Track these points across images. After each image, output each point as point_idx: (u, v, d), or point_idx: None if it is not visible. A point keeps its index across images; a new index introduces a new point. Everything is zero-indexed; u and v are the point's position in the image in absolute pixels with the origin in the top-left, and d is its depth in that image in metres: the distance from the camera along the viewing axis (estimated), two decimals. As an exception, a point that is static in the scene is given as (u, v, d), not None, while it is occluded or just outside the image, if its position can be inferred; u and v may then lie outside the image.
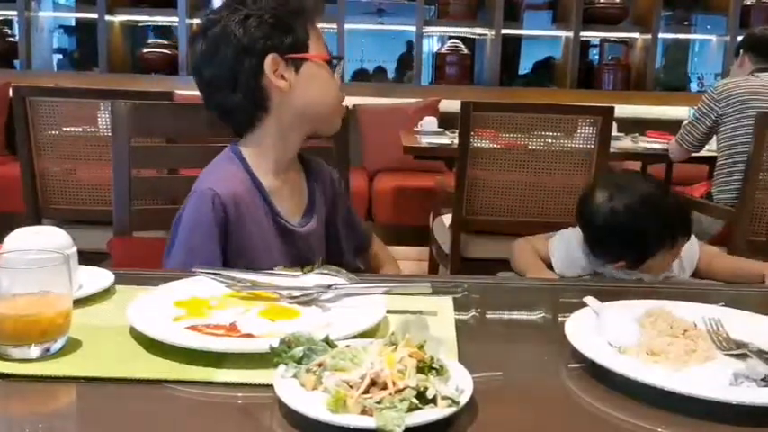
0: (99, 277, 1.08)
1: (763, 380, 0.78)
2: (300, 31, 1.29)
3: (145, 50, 5.30)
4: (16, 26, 5.07)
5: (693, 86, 5.92)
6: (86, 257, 1.08)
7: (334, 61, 1.32)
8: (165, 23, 5.53)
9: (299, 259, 1.28)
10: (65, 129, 2.61)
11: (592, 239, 1.56)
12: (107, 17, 5.04)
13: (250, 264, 1.22)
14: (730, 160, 2.89)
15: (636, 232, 1.48)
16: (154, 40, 5.42)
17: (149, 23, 5.59)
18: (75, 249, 1.03)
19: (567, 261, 1.60)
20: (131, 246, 1.64)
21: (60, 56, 5.81)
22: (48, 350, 0.82)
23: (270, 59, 1.26)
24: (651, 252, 1.49)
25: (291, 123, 1.31)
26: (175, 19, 5.10)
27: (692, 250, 1.62)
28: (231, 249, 1.27)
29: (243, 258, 1.26)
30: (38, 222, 2.55)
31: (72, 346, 0.85)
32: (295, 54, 1.28)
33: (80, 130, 2.63)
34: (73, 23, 5.85)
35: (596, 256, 1.55)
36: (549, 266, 1.63)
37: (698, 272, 1.61)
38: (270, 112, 1.30)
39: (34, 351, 0.81)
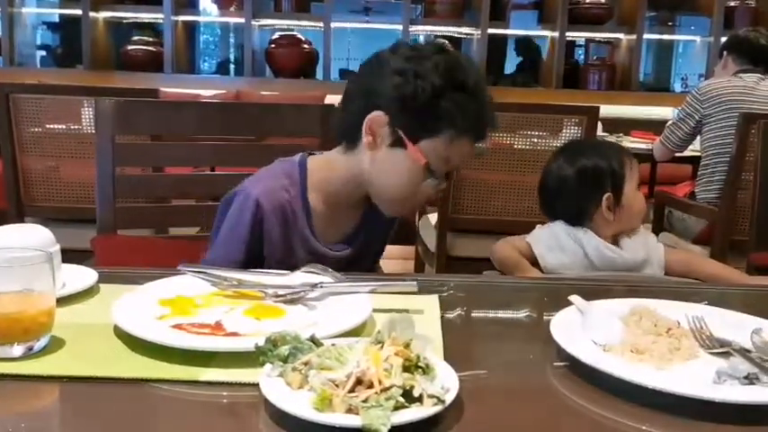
0: (82, 276, 1.07)
1: (745, 378, 0.79)
2: (428, 122, 1.19)
3: (129, 47, 5.26)
4: (-1, 22, 5.03)
5: (677, 87, 5.96)
6: (70, 256, 1.07)
7: (434, 174, 1.21)
8: (149, 20, 5.49)
9: None
10: (48, 126, 2.58)
11: (567, 200, 1.64)
12: (91, 13, 5.01)
13: (278, 260, 1.24)
14: (714, 160, 2.92)
15: (596, 164, 1.62)
16: (138, 37, 5.38)
17: (134, 20, 5.55)
18: (58, 247, 1.02)
19: (550, 243, 1.62)
20: (115, 244, 1.63)
21: (44, 52, 5.75)
22: (31, 349, 0.81)
23: (375, 115, 1.20)
24: (620, 173, 1.60)
25: (361, 178, 1.27)
26: (160, 16, 5.07)
27: (655, 243, 1.65)
28: (267, 245, 1.26)
29: (269, 260, 1.26)
30: (21, 220, 2.53)
31: (55, 344, 0.84)
32: (401, 131, 1.19)
33: (63, 127, 2.61)
34: (56, 20, 5.79)
35: (576, 213, 1.62)
36: (533, 263, 1.64)
37: (676, 272, 1.61)
38: (354, 151, 1.26)
39: (17, 350, 0.81)
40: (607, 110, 3.31)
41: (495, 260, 1.69)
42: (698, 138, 3.07)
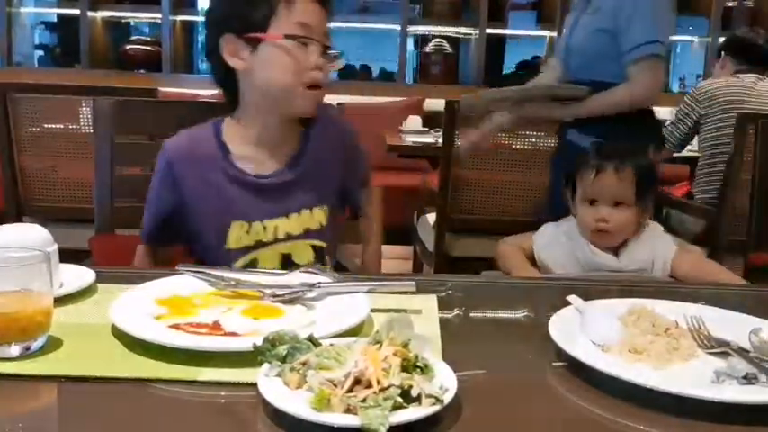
0: (80, 275, 1.07)
1: (744, 377, 0.79)
2: (260, 8, 1.25)
3: (127, 47, 5.26)
4: (-3, 22, 5.01)
5: (675, 87, 5.96)
6: (68, 255, 1.07)
7: (300, 40, 1.25)
8: (148, 20, 5.48)
9: (274, 210, 1.32)
10: (46, 126, 2.58)
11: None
12: (89, 13, 5.00)
13: (211, 214, 1.31)
14: (711, 160, 2.92)
15: None
16: (137, 37, 5.38)
17: (132, 20, 5.54)
18: (55, 247, 1.02)
19: (548, 239, 1.64)
20: (113, 244, 1.63)
21: (42, 52, 5.74)
22: (28, 349, 0.81)
23: (224, 40, 1.27)
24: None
25: (260, 104, 1.31)
26: (158, 15, 5.06)
27: (667, 249, 1.60)
28: (189, 194, 1.32)
29: (201, 209, 1.32)
30: (18, 220, 2.52)
31: (53, 344, 0.84)
32: (251, 34, 1.25)
33: (62, 126, 2.60)
34: (55, 19, 5.78)
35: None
36: (534, 264, 1.64)
37: (680, 277, 1.58)
38: (242, 90, 1.32)
39: (14, 349, 0.80)
40: (605, 110, 3.30)
41: (499, 259, 1.70)
42: (696, 138, 3.07)
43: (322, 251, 1.36)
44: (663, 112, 4.20)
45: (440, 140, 2.79)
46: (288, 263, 1.32)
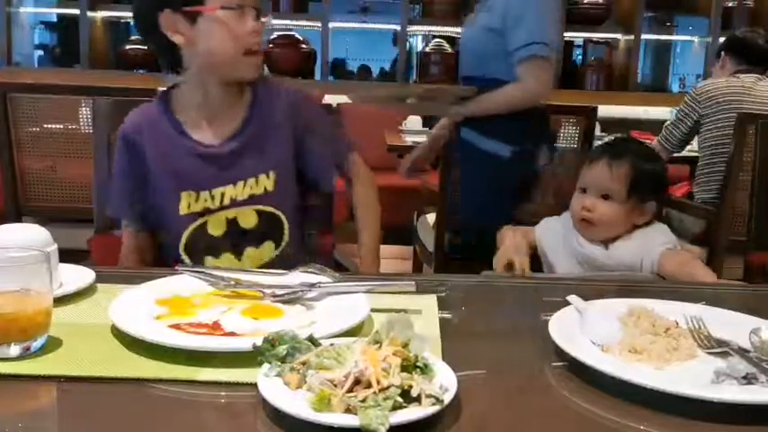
0: (80, 275, 1.07)
1: (743, 378, 0.79)
2: None
3: (127, 47, 5.26)
4: (-4, 21, 5.01)
5: (675, 87, 5.96)
6: (67, 255, 1.07)
7: (236, 8, 1.30)
8: (147, 20, 5.48)
9: (221, 178, 1.37)
10: (46, 125, 2.58)
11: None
12: (89, 13, 4.99)
13: (164, 183, 1.38)
14: (711, 160, 2.92)
15: None
16: (136, 37, 5.37)
17: (132, 20, 5.54)
18: (55, 247, 1.02)
19: (549, 227, 1.66)
20: (111, 244, 1.62)
21: (41, 52, 5.74)
22: (28, 349, 0.81)
23: (162, 18, 1.32)
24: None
25: (202, 72, 1.37)
26: (158, 15, 5.06)
27: (658, 248, 1.57)
28: (145, 167, 1.39)
29: (156, 179, 1.38)
30: (18, 220, 2.52)
31: (52, 344, 0.84)
32: (188, 8, 1.30)
33: (61, 126, 2.61)
34: (54, 19, 5.78)
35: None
36: (536, 253, 1.64)
37: (665, 274, 1.57)
38: (184, 61, 1.37)
39: (14, 350, 0.80)
40: (605, 110, 3.31)
41: (498, 238, 1.71)
42: (696, 138, 3.07)
43: (268, 216, 1.40)
44: (663, 113, 4.22)
45: (439, 140, 2.78)
46: (234, 227, 1.38)
